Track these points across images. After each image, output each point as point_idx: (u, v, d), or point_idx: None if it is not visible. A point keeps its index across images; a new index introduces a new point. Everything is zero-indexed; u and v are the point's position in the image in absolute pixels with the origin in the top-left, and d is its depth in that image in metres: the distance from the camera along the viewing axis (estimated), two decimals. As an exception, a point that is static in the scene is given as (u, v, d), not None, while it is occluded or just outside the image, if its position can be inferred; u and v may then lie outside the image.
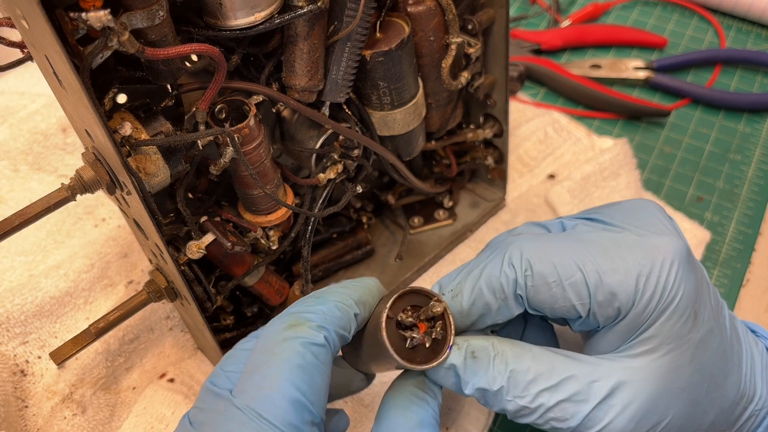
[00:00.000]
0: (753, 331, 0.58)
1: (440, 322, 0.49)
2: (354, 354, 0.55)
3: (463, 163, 0.80)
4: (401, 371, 0.53)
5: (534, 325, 0.60)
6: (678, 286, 0.49)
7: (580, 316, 0.50)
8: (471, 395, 0.51)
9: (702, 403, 0.51)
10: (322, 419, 0.45)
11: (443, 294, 0.53)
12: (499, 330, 0.59)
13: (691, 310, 0.49)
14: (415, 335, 0.48)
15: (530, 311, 0.52)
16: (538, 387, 0.49)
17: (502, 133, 0.76)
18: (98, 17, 0.39)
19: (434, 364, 0.48)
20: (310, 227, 0.65)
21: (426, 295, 0.50)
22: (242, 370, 0.47)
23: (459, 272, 0.54)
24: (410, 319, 0.48)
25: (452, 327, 0.49)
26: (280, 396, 0.43)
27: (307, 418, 0.44)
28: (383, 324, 0.47)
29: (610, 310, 0.49)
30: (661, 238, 0.51)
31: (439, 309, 0.48)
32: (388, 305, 0.48)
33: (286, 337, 0.46)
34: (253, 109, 0.54)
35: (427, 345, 0.49)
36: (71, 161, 0.86)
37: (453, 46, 0.63)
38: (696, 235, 0.81)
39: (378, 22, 0.58)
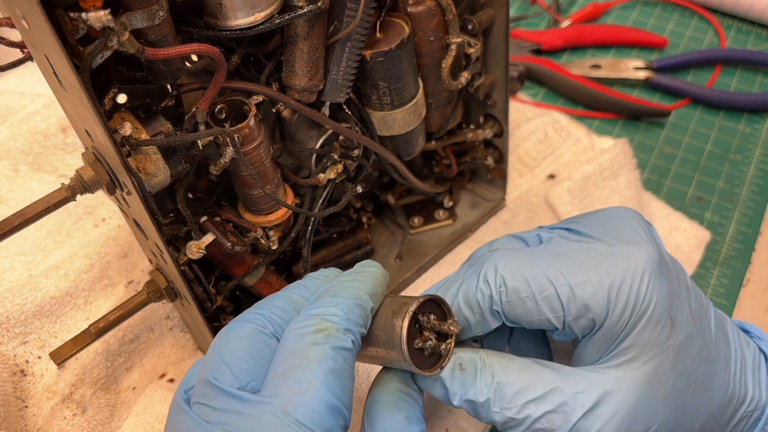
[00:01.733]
0: (746, 332, 0.58)
1: (449, 340, 0.51)
2: None
3: (463, 163, 0.80)
4: (381, 367, 0.54)
5: (522, 331, 0.60)
6: (651, 295, 0.49)
7: (557, 328, 0.51)
8: (460, 407, 0.52)
9: (689, 408, 0.51)
10: (349, 423, 0.46)
11: None
12: (483, 338, 0.60)
13: (667, 317, 0.49)
14: (431, 338, 0.50)
15: (508, 324, 0.53)
16: (524, 398, 0.50)
17: (502, 133, 0.76)
18: (98, 17, 0.39)
19: (428, 372, 0.50)
20: (310, 227, 0.65)
21: (444, 312, 0.52)
22: (246, 361, 0.45)
23: (439, 287, 0.55)
24: (433, 323, 0.50)
25: (452, 348, 0.52)
26: (318, 401, 0.43)
27: (341, 422, 0.44)
28: (408, 317, 0.49)
29: (584, 322, 0.50)
30: (633, 247, 0.52)
31: (454, 329, 0.50)
32: (419, 302, 0.50)
33: (317, 341, 0.45)
34: (253, 109, 0.54)
35: (426, 354, 0.50)
36: (71, 161, 0.86)
37: (453, 46, 0.63)
38: (696, 235, 0.81)
39: (378, 22, 0.58)
